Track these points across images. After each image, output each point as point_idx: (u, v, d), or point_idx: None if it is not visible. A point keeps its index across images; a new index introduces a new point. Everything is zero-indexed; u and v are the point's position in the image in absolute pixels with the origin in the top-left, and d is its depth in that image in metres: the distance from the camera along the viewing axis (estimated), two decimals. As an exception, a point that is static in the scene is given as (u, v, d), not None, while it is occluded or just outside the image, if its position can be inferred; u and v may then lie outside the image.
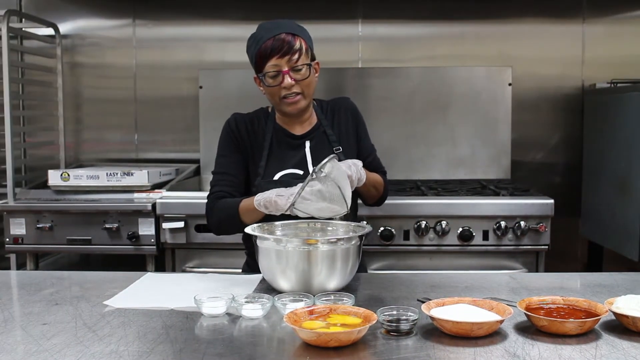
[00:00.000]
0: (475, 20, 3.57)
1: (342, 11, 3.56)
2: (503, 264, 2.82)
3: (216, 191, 2.03)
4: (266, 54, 1.94)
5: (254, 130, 2.09)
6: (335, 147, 2.08)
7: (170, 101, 3.66)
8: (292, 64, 1.94)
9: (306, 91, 2.00)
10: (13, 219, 2.94)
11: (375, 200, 2.17)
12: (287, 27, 1.98)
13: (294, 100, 1.98)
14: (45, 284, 1.84)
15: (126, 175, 3.03)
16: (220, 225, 2.01)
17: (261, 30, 1.99)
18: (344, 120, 2.14)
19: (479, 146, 3.49)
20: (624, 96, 2.95)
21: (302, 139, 2.09)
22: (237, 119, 2.11)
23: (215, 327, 1.48)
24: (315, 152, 2.08)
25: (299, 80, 1.96)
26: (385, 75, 3.51)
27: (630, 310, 1.40)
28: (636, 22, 3.56)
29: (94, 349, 1.33)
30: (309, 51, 2.00)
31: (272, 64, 1.94)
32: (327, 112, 2.15)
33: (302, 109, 2.02)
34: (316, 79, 2.04)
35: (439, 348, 1.32)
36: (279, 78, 1.95)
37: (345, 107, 2.17)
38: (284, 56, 1.93)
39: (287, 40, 1.94)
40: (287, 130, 2.10)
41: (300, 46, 1.96)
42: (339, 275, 1.69)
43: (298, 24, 2.02)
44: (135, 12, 3.66)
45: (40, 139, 3.77)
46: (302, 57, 1.96)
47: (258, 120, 2.11)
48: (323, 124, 2.12)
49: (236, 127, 2.08)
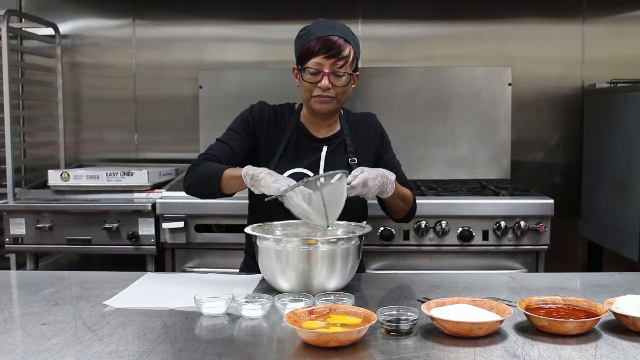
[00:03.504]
0: (475, 20, 3.57)
1: (342, 11, 3.56)
2: (503, 264, 2.82)
3: (209, 154, 2.00)
4: (314, 50, 1.93)
5: (276, 122, 2.08)
6: (351, 157, 2.08)
7: (170, 101, 3.66)
8: (335, 69, 1.94)
9: (340, 97, 2.00)
10: (13, 219, 2.94)
11: (404, 215, 2.14)
12: (341, 31, 1.97)
13: (324, 100, 1.98)
14: (45, 284, 1.84)
15: (126, 175, 3.03)
16: (196, 183, 1.95)
17: (316, 25, 1.98)
18: (365, 134, 2.14)
19: (479, 146, 3.49)
20: (624, 96, 2.95)
21: (320, 142, 2.09)
22: (262, 107, 2.11)
23: (215, 327, 1.48)
24: (330, 158, 2.07)
25: (336, 86, 1.96)
26: (385, 75, 3.51)
27: (630, 310, 1.40)
28: (636, 22, 3.56)
29: (94, 349, 1.33)
30: (355, 61, 2.00)
31: (316, 61, 1.94)
32: (352, 123, 2.14)
33: (330, 111, 2.02)
34: (352, 88, 2.04)
35: (439, 348, 1.32)
36: (318, 77, 1.95)
37: (370, 122, 2.17)
38: (330, 58, 1.93)
39: (338, 43, 1.93)
40: (309, 131, 2.09)
41: (349, 54, 1.95)
42: (338, 275, 1.69)
43: (352, 32, 2.01)
44: (135, 12, 3.66)
45: (40, 139, 3.77)
46: (346, 65, 1.95)
47: (282, 113, 2.11)
48: (345, 133, 2.11)
49: (259, 114, 2.08)
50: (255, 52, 3.62)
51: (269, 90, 1.96)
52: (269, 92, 1.98)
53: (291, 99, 2.19)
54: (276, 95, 2.23)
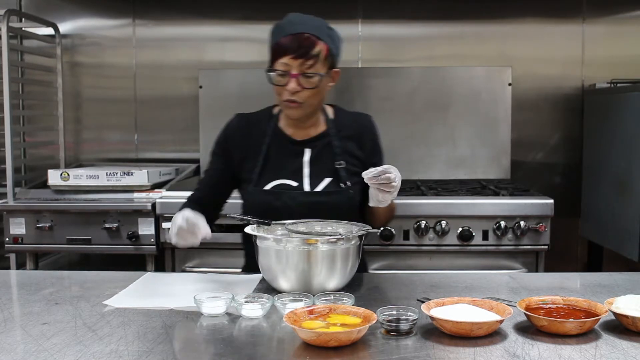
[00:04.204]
0: (475, 20, 3.57)
1: (342, 11, 3.56)
2: (503, 264, 2.82)
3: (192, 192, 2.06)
4: (281, 50, 1.82)
5: (252, 133, 1.98)
6: (338, 161, 1.95)
7: (170, 101, 3.66)
8: (304, 69, 1.82)
9: (309, 101, 1.87)
10: (13, 219, 2.94)
11: (383, 223, 2.06)
12: (313, 27, 1.85)
13: (292, 105, 1.87)
14: (45, 284, 1.84)
15: (126, 175, 3.03)
16: None
17: (287, 22, 1.87)
18: (356, 137, 1.99)
19: (479, 146, 3.49)
20: (624, 96, 2.95)
21: (301, 145, 1.98)
22: (237, 121, 2.03)
23: (215, 327, 1.48)
24: (315, 163, 1.96)
25: (306, 88, 1.84)
26: (385, 75, 3.51)
27: (630, 310, 1.40)
28: (636, 22, 3.56)
29: (94, 348, 1.33)
30: (330, 58, 1.86)
31: (283, 62, 1.83)
32: (342, 123, 2.00)
33: (301, 116, 1.91)
34: (329, 87, 1.92)
35: (439, 348, 1.32)
36: (286, 79, 1.84)
37: (363, 124, 2.04)
38: (298, 58, 1.81)
39: (307, 42, 1.81)
40: (287, 134, 1.99)
41: (319, 52, 1.82)
42: (338, 275, 1.68)
43: (328, 26, 1.90)
44: (135, 12, 3.66)
45: (40, 138, 3.77)
46: (317, 65, 1.82)
47: (260, 121, 2.01)
48: (331, 133, 1.98)
49: (232, 131, 2.01)
50: (255, 52, 3.61)
51: (269, 90, 1.94)
52: (269, 92, 1.97)
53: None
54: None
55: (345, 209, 1.92)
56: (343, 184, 1.94)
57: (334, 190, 1.94)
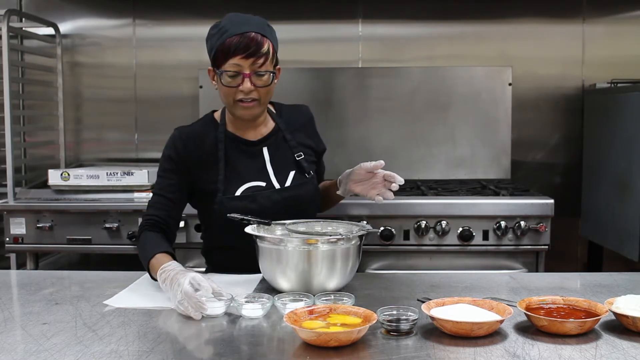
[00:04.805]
0: (475, 20, 3.57)
1: (342, 11, 3.55)
2: (503, 264, 2.82)
3: (149, 215, 1.93)
4: (230, 51, 1.80)
5: (202, 145, 1.94)
6: (297, 152, 1.99)
7: (170, 101, 3.66)
8: (256, 68, 1.82)
9: (263, 98, 1.88)
10: (13, 219, 2.94)
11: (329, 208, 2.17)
12: (257, 26, 1.85)
13: (248, 105, 1.86)
14: (45, 284, 1.84)
15: (126, 174, 3.03)
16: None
17: (228, 22, 1.85)
18: (303, 128, 2.06)
19: (479, 146, 3.49)
20: (624, 96, 2.95)
21: (258, 145, 1.98)
22: (182, 135, 1.96)
23: (215, 327, 1.48)
24: (276, 159, 1.98)
25: (258, 86, 1.84)
26: (385, 75, 3.51)
27: (630, 310, 1.40)
28: (636, 22, 3.56)
29: (94, 348, 1.33)
30: (275, 56, 1.88)
31: (234, 62, 1.81)
32: (287, 117, 2.04)
33: (256, 115, 1.92)
34: (275, 84, 1.91)
35: (439, 348, 1.32)
36: (238, 79, 1.83)
37: (305, 114, 2.10)
38: (249, 58, 1.80)
39: (255, 41, 1.81)
40: (240, 136, 1.97)
41: (268, 50, 1.83)
42: (339, 275, 1.69)
43: (268, 23, 1.90)
44: (135, 12, 3.66)
45: (40, 138, 3.76)
46: (267, 63, 1.83)
47: (206, 132, 1.97)
48: (282, 128, 2.01)
49: (181, 145, 1.94)
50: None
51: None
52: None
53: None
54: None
55: (315, 198, 2.02)
56: (307, 174, 2.00)
57: (303, 182, 1.99)
